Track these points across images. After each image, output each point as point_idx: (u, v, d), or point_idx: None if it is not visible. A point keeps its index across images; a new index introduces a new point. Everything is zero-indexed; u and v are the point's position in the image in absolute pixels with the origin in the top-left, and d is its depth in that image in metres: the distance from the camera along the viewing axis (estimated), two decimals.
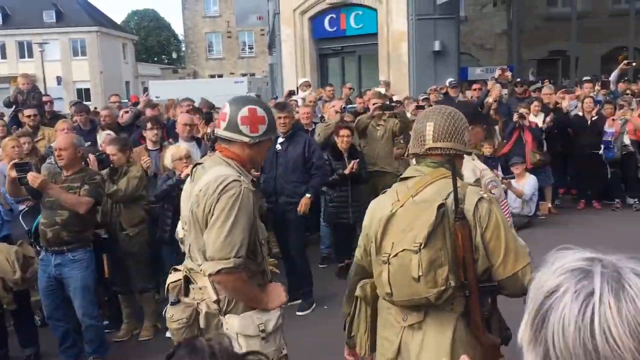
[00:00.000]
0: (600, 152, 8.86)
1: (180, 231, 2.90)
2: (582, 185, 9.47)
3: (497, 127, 9.15)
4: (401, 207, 2.28)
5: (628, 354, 0.79)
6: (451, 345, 2.22)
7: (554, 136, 9.21)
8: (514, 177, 8.41)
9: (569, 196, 9.87)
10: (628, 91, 9.63)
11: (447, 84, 11.08)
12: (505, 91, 10.49)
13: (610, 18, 14.87)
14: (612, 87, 10.38)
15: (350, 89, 11.41)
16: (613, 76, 10.63)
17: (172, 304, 2.68)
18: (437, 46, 12.53)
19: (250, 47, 44.77)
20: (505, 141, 9.00)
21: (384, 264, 2.24)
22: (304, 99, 9.18)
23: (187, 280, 2.67)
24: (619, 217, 8.68)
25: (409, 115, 8.59)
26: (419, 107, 9.44)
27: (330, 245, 7.06)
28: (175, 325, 2.63)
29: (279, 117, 5.54)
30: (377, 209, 2.43)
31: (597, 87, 10.36)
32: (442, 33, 12.67)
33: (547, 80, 11.60)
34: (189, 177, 2.79)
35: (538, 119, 8.89)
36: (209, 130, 7.17)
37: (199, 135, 6.62)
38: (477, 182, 2.66)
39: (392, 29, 12.98)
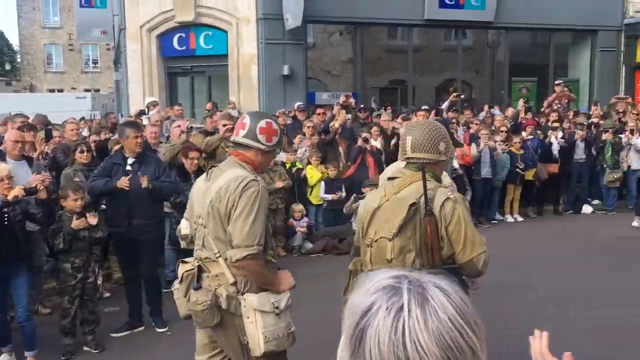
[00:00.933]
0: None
1: (184, 228, 3.29)
2: None
3: (341, 150, 9.58)
4: (387, 201, 2.87)
5: (470, 337, 0.87)
6: None
7: (394, 160, 9.82)
8: (365, 197, 8.82)
9: None
10: (454, 120, 10.54)
11: (296, 107, 11.38)
12: (349, 116, 11.00)
13: (442, 53, 16.27)
14: (444, 115, 11.29)
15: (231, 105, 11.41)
16: (445, 105, 11.58)
17: (195, 289, 2.98)
18: (286, 70, 12.83)
19: (95, 62, 42.44)
20: (349, 164, 9.43)
21: (367, 247, 2.90)
22: (149, 118, 8.89)
23: (200, 269, 3.03)
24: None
25: None
26: None
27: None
28: (200, 307, 2.92)
29: (136, 137, 5.38)
30: (369, 201, 3.00)
31: (432, 115, 11.21)
32: (291, 58, 13.02)
33: (388, 107, 12.37)
34: (205, 176, 3.14)
35: (377, 143, 9.41)
36: (46, 148, 6.68)
37: (34, 154, 6.14)
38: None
39: (242, 51, 13.07)
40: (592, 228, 9.53)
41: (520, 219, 10.42)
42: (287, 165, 8.77)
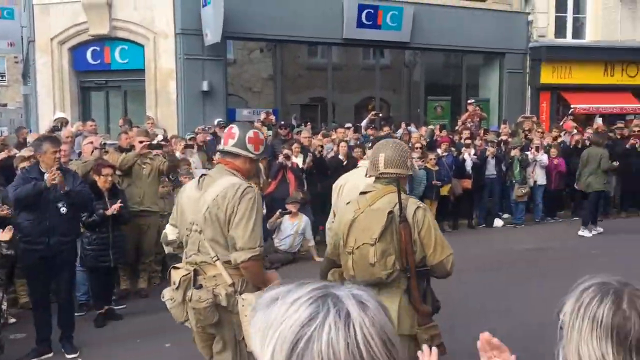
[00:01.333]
0: None
1: (170, 234, 3.45)
2: None
3: (261, 166, 9.52)
4: (362, 213, 3.18)
5: (383, 355, 0.90)
6: (398, 312, 3.08)
7: (314, 176, 9.88)
8: (289, 213, 8.78)
9: None
10: (371, 137, 10.76)
11: (216, 123, 11.24)
12: (270, 133, 11.00)
13: (361, 71, 16.63)
14: (362, 132, 11.53)
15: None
16: (364, 123, 11.85)
17: (197, 288, 3.15)
18: (205, 86, 12.66)
19: (2, 75, 40.23)
20: (270, 180, 9.39)
21: (349, 254, 3.17)
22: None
23: (195, 273, 3.19)
24: None
25: (178, 154, 8.50)
26: (187, 147, 9.40)
27: (88, 291, 6.56)
28: (203, 305, 3.10)
29: (54, 152, 5.19)
30: (343, 215, 3.32)
31: (350, 132, 11.41)
32: (211, 74, 12.87)
33: (308, 124, 12.45)
34: (197, 184, 3.28)
35: (298, 160, 9.45)
36: None
37: None
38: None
39: (159, 66, 12.78)
40: (502, 241, 9.97)
41: None
42: None
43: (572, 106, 15.39)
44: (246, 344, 3.10)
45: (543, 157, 11.39)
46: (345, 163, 10.05)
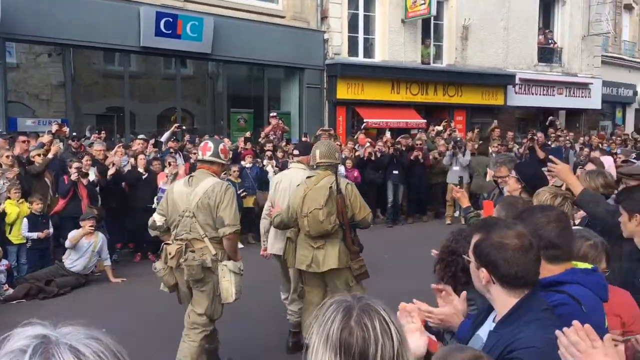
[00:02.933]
0: (154, 206, 9.31)
1: (158, 221, 4.65)
2: (139, 239, 9.76)
3: (48, 182, 8.70)
4: (310, 190, 4.78)
5: None
6: (338, 254, 4.78)
7: (109, 191, 9.28)
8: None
9: (127, 250, 10.04)
10: (172, 149, 10.49)
11: None
12: (61, 145, 10.13)
13: (164, 81, 16.10)
14: (163, 147, 11.07)
15: None
16: (165, 136, 11.37)
17: (192, 251, 4.46)
18: None
19: None
20: (58, 197, 8.61)
21: (304, 217, 4.74)
22: None
23: (186, 246, 4.48)
24: None
25: None
26: None
27: None
28: (195, 263, 4.39)
29: None
30: (296, 195, 4.91)
31: (149, 145, 10.94)
32: None
33: (101, 135, 11.65)
34: (187, 182, 4.61)
35: (92, 174, 8.81)
36: None
37: None
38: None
39: None
40: None
41: (241, 245, 10.71)
42: None
43: (364, 120, 16.54)
44: (224, 297, 4.49)
45: (340, 168, 12.02)
46: (145, 176, 9.61)
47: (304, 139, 13.99)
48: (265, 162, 11.46)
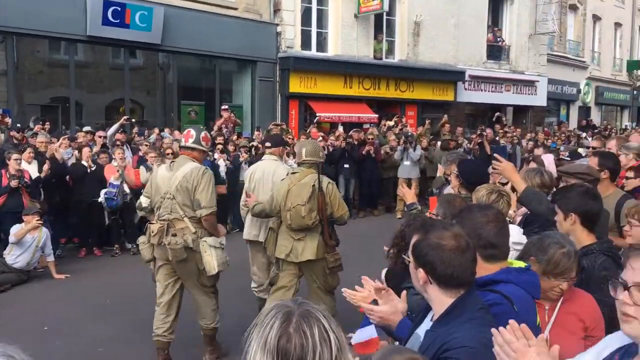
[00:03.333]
0: (100, 199, 9.08)
1: (144, 202, 5.11)
2: (84, 234, 9.52)
3: None
4: (294, 186, 5.12)
5: None
6: (317, 246, 5.11)
7: (52, 185, 9.01)
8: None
9: (72, 245, 9.78)
10: (118, 142, 10.21)
11: None
12: (1, 136, 9.77)
13: (112, 71, 15.66)
14: (108, 140, 10.67)
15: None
16: (112, 129, 10.96)
17: (173, 235, 4.84)
18: None
19: None
20: None
21: (287, 211, 5.08)
22: None
23: (168, 226, 4.85)
24: (119, 261, 9.08)
25: None
26: None
27: None
28: (178, 247, 4.79)
29: None
30: (280, 188, 5.23)
31: (97, 137, 10.63)
32: None
33: (45, 127, 11.26)
34: (169, 167, 5.02)
35: (32, 168, 8.52)
36: None
37: None
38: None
39: None
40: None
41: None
42: None
43: (317, 114, 16.55)
44: (207, 270, 4.88)
45: (293, 162, 11.98)
46: (91, 170, 9.33)
47: (256, 132, 13.92)
48: (216, 155, 11.32)
